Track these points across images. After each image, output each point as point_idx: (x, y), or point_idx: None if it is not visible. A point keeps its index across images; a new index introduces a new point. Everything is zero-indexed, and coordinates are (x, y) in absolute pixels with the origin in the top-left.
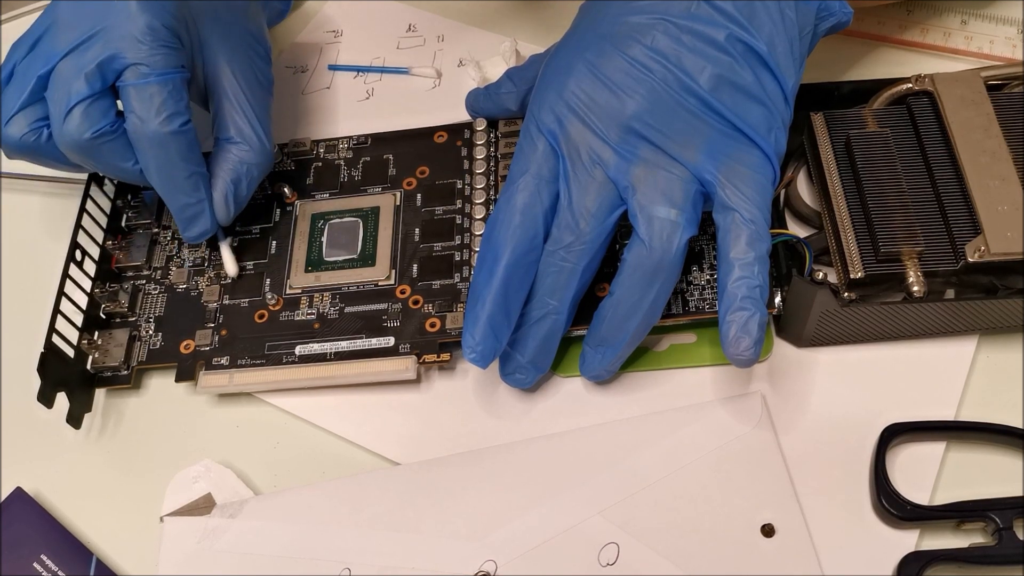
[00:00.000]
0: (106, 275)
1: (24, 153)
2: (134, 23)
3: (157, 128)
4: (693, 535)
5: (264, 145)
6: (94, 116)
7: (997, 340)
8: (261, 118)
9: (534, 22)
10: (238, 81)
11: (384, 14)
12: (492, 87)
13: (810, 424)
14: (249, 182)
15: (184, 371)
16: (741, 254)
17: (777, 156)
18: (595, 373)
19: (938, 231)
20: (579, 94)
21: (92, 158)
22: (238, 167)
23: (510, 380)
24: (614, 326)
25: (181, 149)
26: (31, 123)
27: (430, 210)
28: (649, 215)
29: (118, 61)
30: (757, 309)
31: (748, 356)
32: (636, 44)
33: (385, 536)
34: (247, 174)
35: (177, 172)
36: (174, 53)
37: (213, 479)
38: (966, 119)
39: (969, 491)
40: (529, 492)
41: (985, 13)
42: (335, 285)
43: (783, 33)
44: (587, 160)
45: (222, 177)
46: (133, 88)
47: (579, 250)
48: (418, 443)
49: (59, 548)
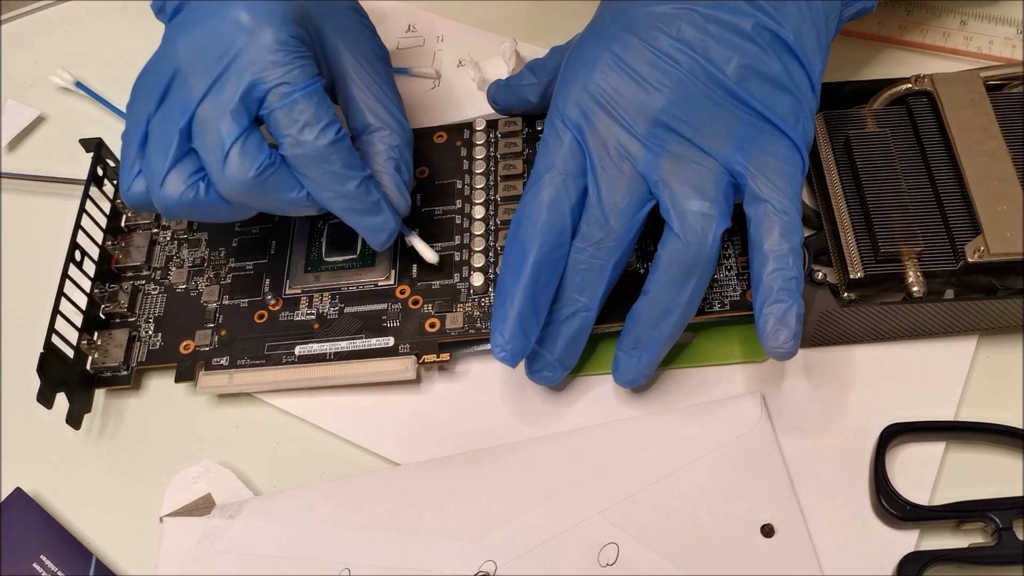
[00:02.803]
0: (106, 275)
1: (185, 210)
2: (261, 43)
3: (315, 144)
4: (693, 535)
5: (404, 124)
6: (251, 152)
7: (997, 340)
8: (392, 97)
9: (534, 22)
10: (361, 65)
11: (384, 14)
12: (513, 79)
13: (810, 424)
14: (407, 165)
15: (184, 371)
16: (775, 246)
17: (806, 145)
18: (630, 378)
19: (938, 231)
20: (605, 87)
21: (260, 196)
22: (391, 153)
23: (537, 378)
24: (649, 326)
25: (344, 158)
26: (186, 179)
27: (430, 210)
28: (682, 209)
29: (258, 89)
30: (794, 301)
31: (787, 349)
32: (662, 35)
33: (385, 536)
34: (402, 158)
35: (348, 183)
36: (309, 62)
37: (213, 479)
38: (965, 119)
39: (969, 491)
40: (529, 492)
41: (984, 13)
42: (335, 285)
43: (809, 20)
44: (615, 155)
45: (385, 171)
46: (280, 111)
47: (609, 246)
48: (418, 443)
49: (59, 548)
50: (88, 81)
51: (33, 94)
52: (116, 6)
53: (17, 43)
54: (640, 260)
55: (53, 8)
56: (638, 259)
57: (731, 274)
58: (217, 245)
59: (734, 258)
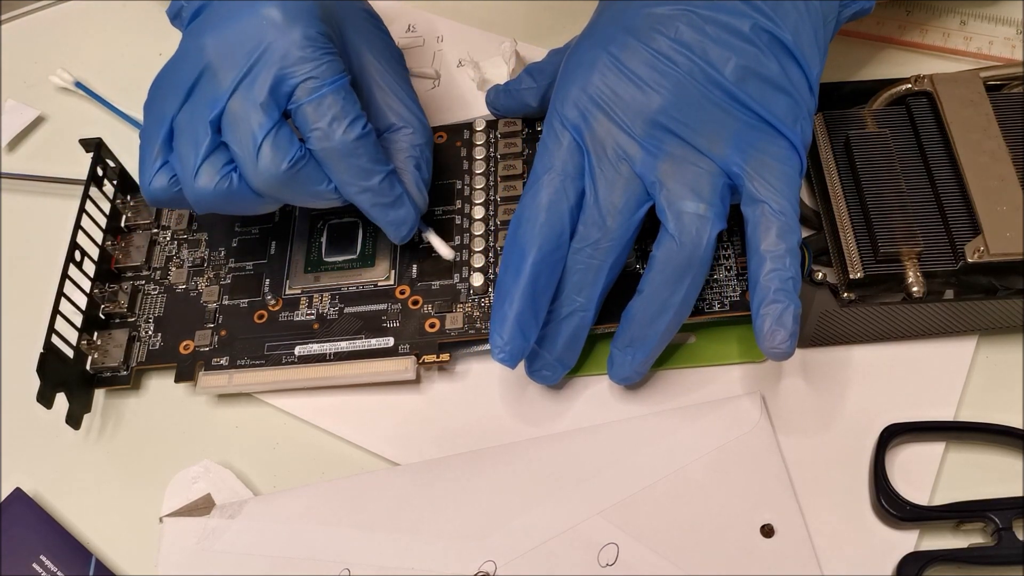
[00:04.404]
0: (105, 275)
1: (218, 202)
2: (289, 38)
3: (343, 138)
4: (693, 535)
5: (424, 123)
6: (283, 145)
7: (997, 340)
8: (412, 96)
9: (534, 22)
10: (381, 65)
11: (384, 14)
12: (512, 83)
13: (810, 424)
14: (427, 163)
15: (183, 371)
16: (772, 246)
17: (804, 146)
18: (624, 375)
19: (937, 231)
20: (603, 88)
21: (291, 189)
22: (413, 151)
23: (536, 377)
24: (644, 325)
25: (370, 152)
26: (219, 171)
27: (430, 210)
28: (678, 210)
29: (287, 83)
30: (791, 301)
31: (784, 349)
32: (660, 36)
33: (385, 536)
34: (422, 156)
35: (373, 178)
36: (336, 58)
37: (213, 479)
38: (965, 119)
39: (968, 491)
40: (529, 492)
41: (984, 14)
42: (334, 286)
43: (807, 21)
44: (613, 155)
45: (406, 169)
46: (309, 105)
47: (606, 247)
48: (418, 443)
49: (58, 549)
50: (88, 81)
51: (33, 94)
52: (116, 6)
53: (17, 43)
54: (639, 260)
55: (53, 8)
56: (637, 259)
57: (731, 274)
58: (217, 245)
59: (734, 258)
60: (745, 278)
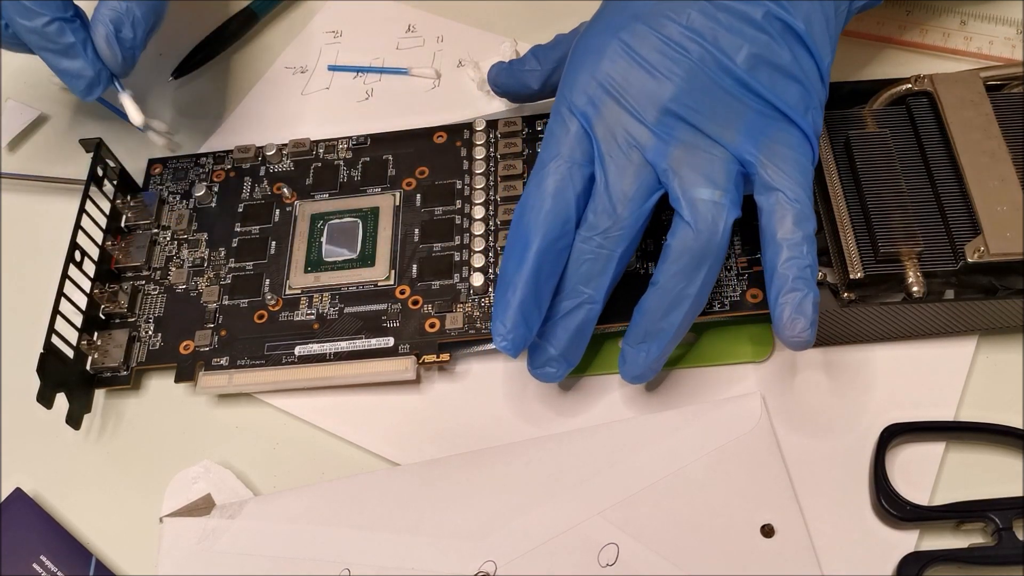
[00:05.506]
0: (105, 276)
1: None
2: None
3: None
4: (693, 535)
5: None
6: None
7: (997, 340)
8: None
9: (534, 22)
10: None
11: (384, 14)
12: (516, 63)
13: (810, 424)
14: (137, 24)
15: (183, 372)
16: (788, 234)
17: (815, 135)
18: (638, 373)
19: (937, 231)
20: (613, 75)
21: None
22: (119, 9)
23: (540, 374)
24: (658, 318)
25: None
26: None
27: (429, 210)
28: (692, 198)
29: None
30: (810, 289)
31: (805, 338)
32: (671, 23)
33: (385, 536)
34: (129, 15)
35: (36, 19)
36: None
37: (213, 480)
38: (965, 119)
39: (969, 491)
40: (529, 492)
41: (984, 14)
42: (334, 285)
43: (819, 11)
44: (623, 142)
45: (100, 21)
46: None
47: (616, 236)
48: (418, 444)
49: (58, 549)
50: None
51: (33, 94)
52: None
53: None
54: (641, 260)
55: None
56: (639, 259)
57: (731, 274)
58: (217, 245)
59: (734, 258)
60: (745, 278)
